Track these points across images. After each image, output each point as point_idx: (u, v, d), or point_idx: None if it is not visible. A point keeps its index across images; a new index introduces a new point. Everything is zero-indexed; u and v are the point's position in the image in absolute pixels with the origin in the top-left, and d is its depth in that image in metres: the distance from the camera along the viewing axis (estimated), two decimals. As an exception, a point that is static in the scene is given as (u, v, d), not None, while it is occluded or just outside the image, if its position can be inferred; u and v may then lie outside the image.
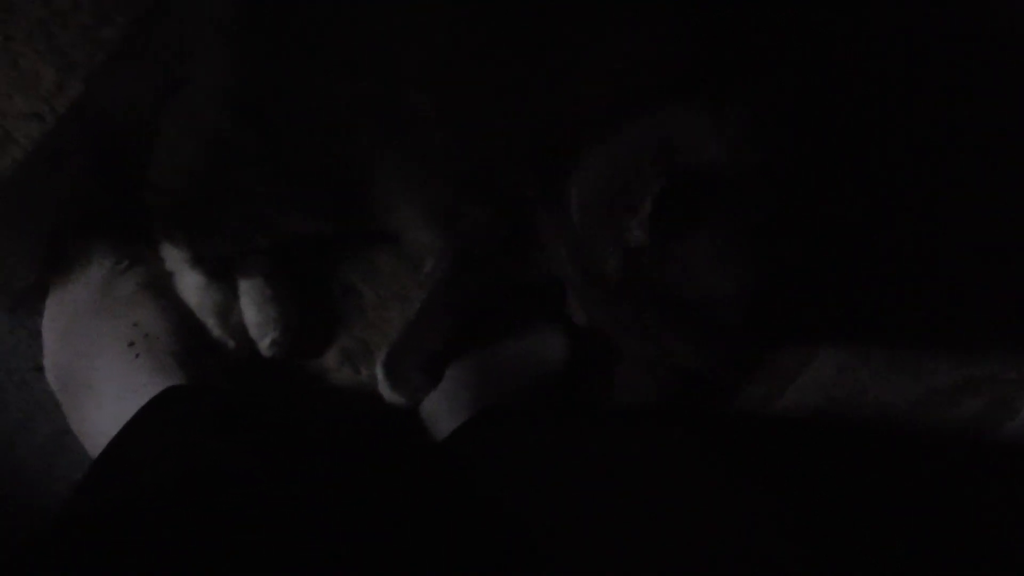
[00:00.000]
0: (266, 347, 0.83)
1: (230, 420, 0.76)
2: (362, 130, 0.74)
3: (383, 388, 0.84)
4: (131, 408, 0.76)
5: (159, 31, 0.79)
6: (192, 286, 0.81)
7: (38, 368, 0.83)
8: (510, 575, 0.62)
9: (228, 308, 0.83)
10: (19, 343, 0.85)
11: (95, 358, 0.80)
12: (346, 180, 0.76)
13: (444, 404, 0.84)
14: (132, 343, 0.79)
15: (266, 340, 0.83)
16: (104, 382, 0.79)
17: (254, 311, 0.82)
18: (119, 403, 0.77)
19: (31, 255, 0.80)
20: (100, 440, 0.77)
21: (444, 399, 0.84)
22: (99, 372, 0.79)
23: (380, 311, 0.88)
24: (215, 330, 0.82)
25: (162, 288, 0.82)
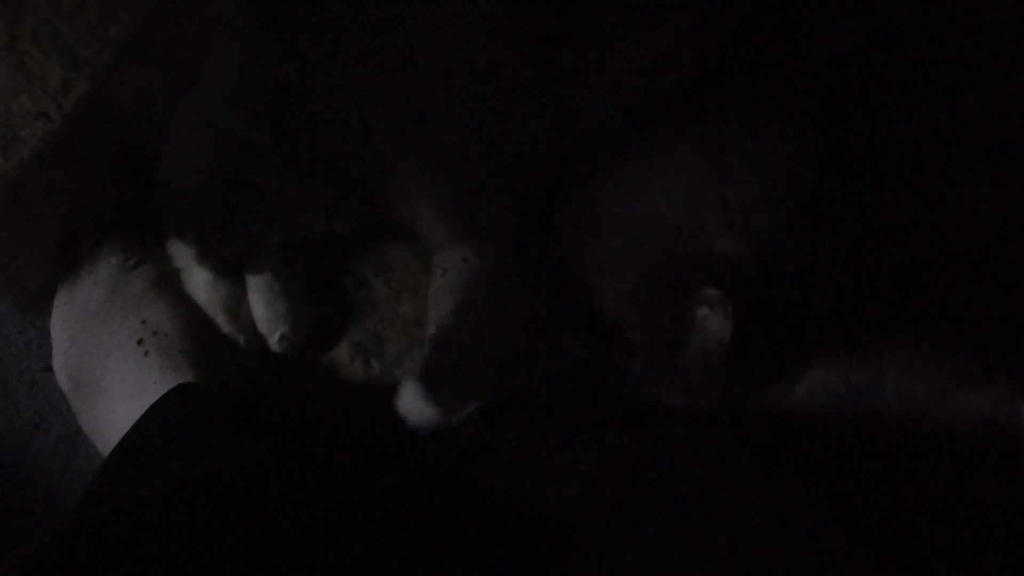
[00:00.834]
0: (276, 343, 0.83)
1: (241, 417, 0.76)
2: (379, 128, 0.74)
3: (411, 403, 0.81)
4: (141, 406, 0.76)
5: (169, 31, 0.79)
6: (200, 282, 0.81)
7: (49, 368, 0.83)
8: (529, 572, 0.62)
9: (237, 304, 0.82)
10: (30, 343, 0.85)
11: (104, 357, 0.79)
12: (362, 178, 0.76)
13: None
14: (141, 341, 0.79)
15: (276, 335, 0.82)
16: (114, 381, 0.79)
17: (263, 307, 0.82)
18: (129, 402, 0.77)
19: (41, 255, 0.79)
20: (111, 439, 0.76)
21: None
22: (109, 371, 0.79)
23: (393, 305, 0.88)
24: (224, 326, 0.82)
25: (171, 285, 0.82)
